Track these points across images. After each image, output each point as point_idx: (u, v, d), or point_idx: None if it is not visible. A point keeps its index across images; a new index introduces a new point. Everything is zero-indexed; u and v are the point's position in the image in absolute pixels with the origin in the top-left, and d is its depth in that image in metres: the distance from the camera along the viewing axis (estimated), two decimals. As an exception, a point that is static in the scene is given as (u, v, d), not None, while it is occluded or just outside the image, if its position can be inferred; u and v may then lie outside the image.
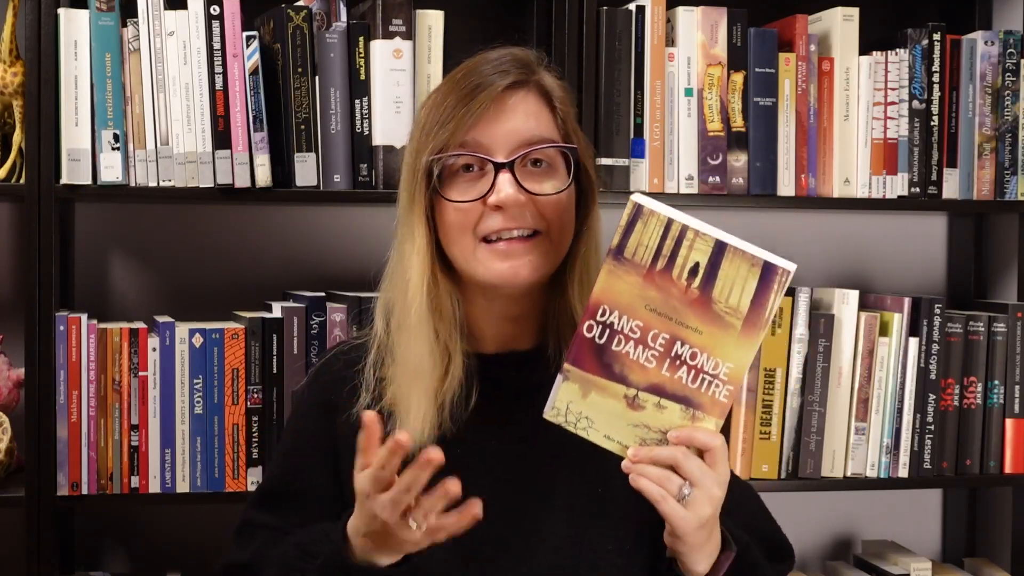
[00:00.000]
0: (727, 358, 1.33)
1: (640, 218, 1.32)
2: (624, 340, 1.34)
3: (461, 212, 1.46)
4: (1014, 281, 2.46)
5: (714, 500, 1.34)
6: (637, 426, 1.35)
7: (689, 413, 1.34)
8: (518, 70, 1.48)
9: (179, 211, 2.27)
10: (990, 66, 2.24)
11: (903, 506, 2.55)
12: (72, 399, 1.94)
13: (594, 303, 1.34)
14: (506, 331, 1.54)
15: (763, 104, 2.14)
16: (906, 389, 2.19)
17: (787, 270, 1.32)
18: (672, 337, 1.33)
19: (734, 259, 1.31)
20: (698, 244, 1.31)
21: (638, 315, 1.33)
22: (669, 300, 1.32)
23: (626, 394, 1.35)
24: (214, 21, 1.94)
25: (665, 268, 1.32)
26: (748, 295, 1.32)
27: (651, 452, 1.34)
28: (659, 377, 1.34)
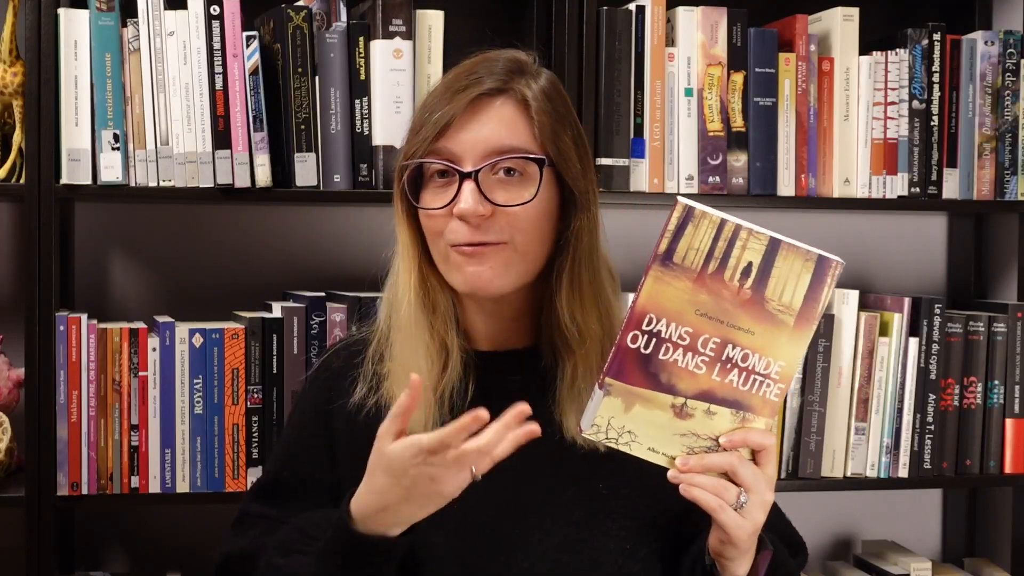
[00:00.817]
0: (779, 356, 1.30)
1: (691, 221, 1.27)
2: (672, 348, 1.29)
3: (432, 218, 1.47)
4: (1014, 281, 2.46)
5: (767, 505, 1.33)
6: (684, 435, 1.31)
7: (739, 416, 1.31)
8: (499, 77, 1.46)
9: (179, 211, 2.27)
10: (990, 66, 2.24)
11: (903, 506, 2.55)
12: (72, 399, 1.94)
13: (639, 312, 1.28)
14: (499, 330, 1.54)
15: (763, 104, 2.14)
16: (906, 389, 2.19)
17: (840, 263, 1.30)
18: (723, 341, 1.29)
19: (788, 256, 1.29)
20: (752, 244, 1.28)
21: (687, 321, 1.28)
22: (721, 303, 1.28)
23: (673, 403, 1.30)
24: (214, 21, 1.94)
25: (717, 270, 1.28)
26: (801, 291, 1.29)
27: (704, 460, 1.31)
28: (709, 383, 1.30)
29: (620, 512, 1.49)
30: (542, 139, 1.46)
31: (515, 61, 1.49)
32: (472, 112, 1.45)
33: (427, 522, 1.37)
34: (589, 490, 1.49)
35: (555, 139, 1.47)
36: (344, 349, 1.60)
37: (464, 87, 1.45)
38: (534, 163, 1.45)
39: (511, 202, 1.44)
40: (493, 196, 1.43)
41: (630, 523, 1.48)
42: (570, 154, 1.48)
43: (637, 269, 1.31)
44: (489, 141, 1.44)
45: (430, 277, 1.50)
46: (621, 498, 1.49)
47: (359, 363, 1.54)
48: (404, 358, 1.49)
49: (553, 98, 1.49)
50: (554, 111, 1.48)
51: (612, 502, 1.49)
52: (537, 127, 1.46)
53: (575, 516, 1.47)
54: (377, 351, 1.54)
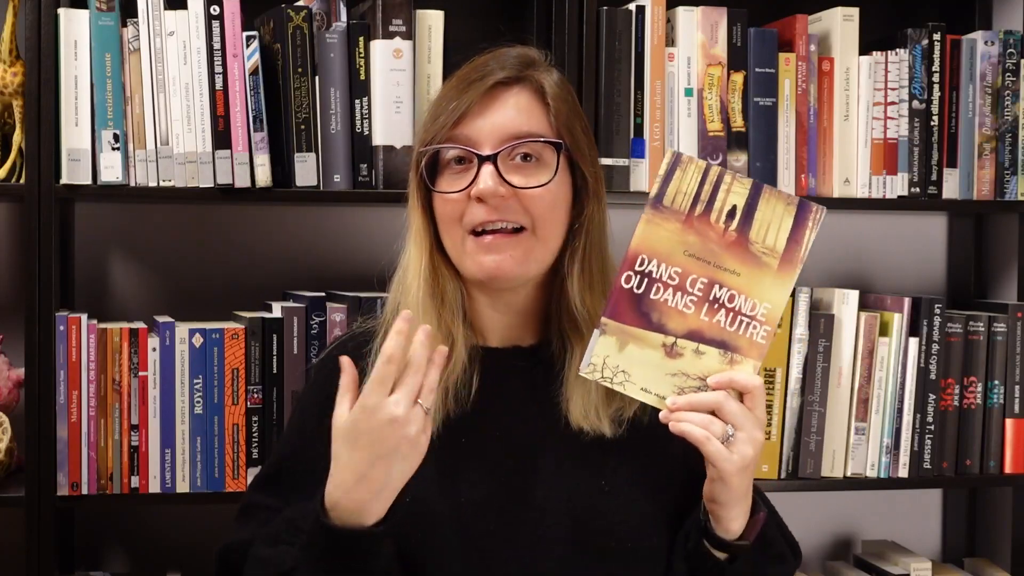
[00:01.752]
0: (764, 298, 1.36)
1: (679, 166, 1.36)
2: (663, 288, 1.36)
3: (449, 203, 1.49)
4: (1014, 281, 2.46)
5: (756, 442, 1.37)
6: (675, 375, 1.37)
7: (727, 357, 1.37)
8: (515, 67, 1.51)
9: (179, 211, 2.27)
10: (990, 66, 2.24)
11: (903, 506, 2.55)
12: (72, 399, 1.94)
13: (632, 253, 1.36)
14: (508, 326, 1.55)
15: (763, 104, 2.14)
16: (906, 389, 2.19)
17: (822, 208, 1.36)
18: (711, 281, 1.36)
19: (770, 199, 1.35)
20: (735, 187, 1.35)
21: (677, 261, 1.36)
22: (707, 244, 1.36)
23: (664, 342, 1.37)
24: (214, 21, 1.94)
25: (703, 212, 1.36)
26: (784, 234, 1.35)
27: (691, 399, 1.37)
28: (698, 322, 1.36)
29: (622, 508, 1.49)
30: (558, 125, 1.51)
31: (527, 55, 1.54)
32: (489, 99, 1.49)
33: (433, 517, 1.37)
34: (592, 486, 1.49)
35: (570, 126, 1.52)
36: (351, 340, 1.61)
37: (480, 77, 1.50)
38: (551, 148, 1.49)
39: (528, 185, 1.47)
40: (511, 179, 1.47)
41: (632, 517, 1.49)
42: (583, 142, 1.53)
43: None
44: (507, 126, 1.48)
45: (441, 267, 1.52)
46: (623, 494, 1.49)
47: (366, 354, 1.55)
48: None
49: (566, 90, 1.55)
50: (569, 100, 1.54)
51: (614, 498, 1.49)
52: (553, 114, 1.50)
53: (578, 512, 1.48)
54: None
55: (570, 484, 1.49)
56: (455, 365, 1.50)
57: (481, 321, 1.56)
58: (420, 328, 1.32)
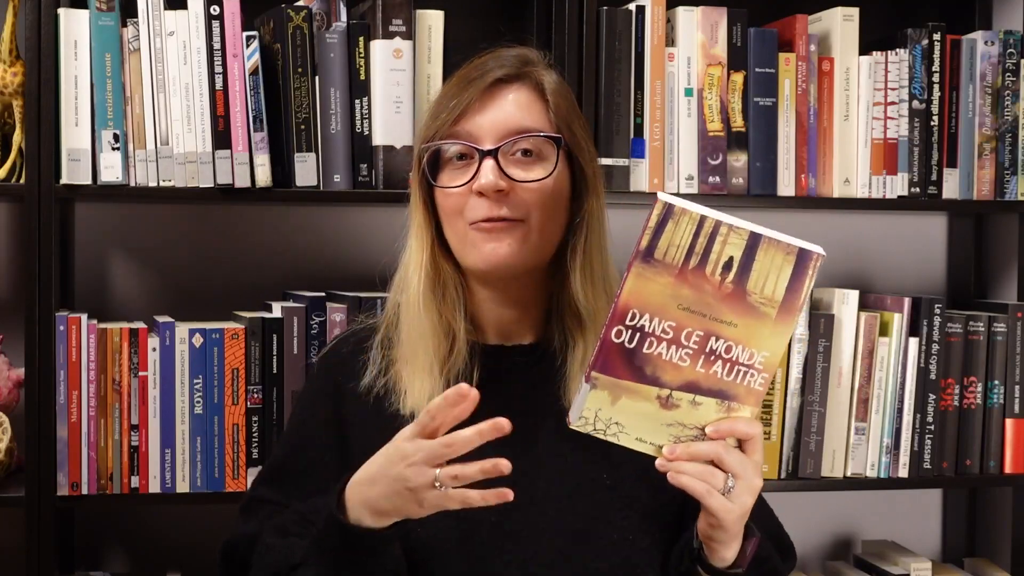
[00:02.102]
0: (762, 347, 1.32)
1: (671, 218, 1.30)
2: (656, 342, 1.31)
3: (451, 198, 1.51)
4: (1014, 281, 2.46)
5: (754, 489, 1.36)
6: (671, 425, 1.34)
7: (724, 405, 1.34)
8: (514, 65, 1.53)
9: (179, 211, 2.27)
10: (990, 66, 2.23)
11: (903, 506, 2.55)
12: (72, 399, 1.94)
13: (622, 308, 1.31)
14: (508, 322, 1.57)
15: (763, 104, 2.14)
16: (906, 389, 2.19)
17: (821, 255, 1.31)
18: (707, 333, 1.31)
19: (769, 250, 1.31)
20: (732, 239, 1.30)
21: (670, 315, 1.31)
22: (703, 297, 1.31)
23: (659, 395, 1.33)
24: (214, 21, 1.94)
25: (698, 266, 1.30)
26: (783, 283, 1.31)
27: (689, 449, 1.34)
28: (693, 374, 1.32)
29: (623, 503, 1.50)
30: (557, 121, 1.52)
31: (526, 54, 1.56)
32: (489, 96, 1.51)
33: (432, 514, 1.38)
34: (593, 481, 1.50)
35: (569, 122, 1.53)
36: (353, 336, 1.63)
37: (480, 75, 1.51)
38: (550, 143, 1.51)
39: (529, 178, 1.48)
40: (511, 173, 1.48)
41: (633, 514, 1.49)
42: (582, 138, 1.54)
43: (637, 269, 1.32)
44: (508, 122, 1.50)
45: (442, 261, 1.54)
46: (624, 489, 1.50)
47: (368, 347, 1.57)
48: (411, 339, 1.52)
49: (565, 88, 1.56)
50: (568, 97, 1.55)
51: (616, 493, 1.50)
52: (553, 110, 1.52)
53: (579, 507, 1.48)
54: (386, 336, 1.57)
55: (572, 479, 1.50)
56: (456, 359, 1.52)
57: (482, 317, 1.57)
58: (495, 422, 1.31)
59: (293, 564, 1.43)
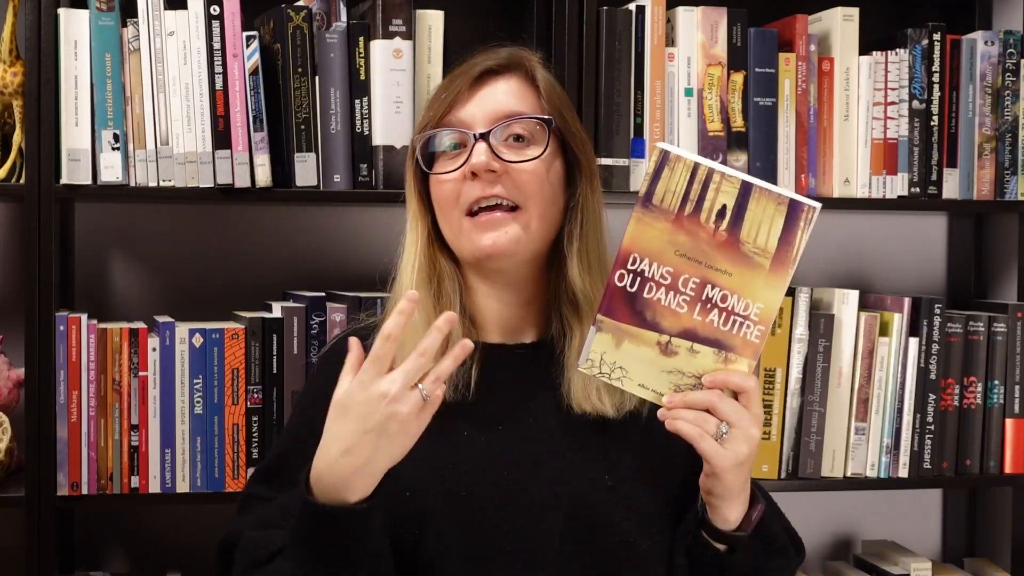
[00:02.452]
0: (757, 298, 1.35)
1: (667, 164, 1.34)
2: (655, 287, 1.35)
3: (445, 185, 1.51)
4: (1014, 281, 2.46)
5: (751, 439, 1.38)
6: (671, 372, 1.37)
7: (722, 356, 1.37)
8: (506, 58, 1.54)
9: (179, 211, 2.27)
10: (990, 66, 2.24)
11: (903, 506, 2.55)
12: (72, 399, 1.94)
13: (624, 252, 1.35)
14: (509, 320, 1.56)
15: (763, 104, 2.14)
16: (906, 389, 2.19)
17: (813, 207, 1.34)
18: (703, 280, 1.35)
19: (760, 199, 1.33)
20: (725, 186, 1.33)
21: (668, 261, 1.35)
22: (698, 244, 1.34)
23: (659, 341, 1.37)
24: (214, 21, 1.94)
25: (693, 212, 1.34)
26: (776, 234, 1.33)
27: (686, 397, 1.37)
28: (691, 321, 1.36)
29: (623, 504, 1.49)
30: (549, 107, 1.53)
31: (518, 52, 1.57)
32: (480, 85, 1.52)
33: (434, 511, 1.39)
34: (593, 482, 1.49)
35: (560, 109, 1.54)
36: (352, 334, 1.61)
37: (470, 67, 1.53)
38: (542, 128, 1.52)
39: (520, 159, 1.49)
40: (503, 155, 1.49)
41: (633, 515, 1.49)
42: (574, 125, 1.55)
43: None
44: (499, 107, 1.51)
45: (438, 257, 1.54)
46: (624, 490, 1.50)
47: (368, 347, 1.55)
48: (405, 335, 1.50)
49: (556, 82, 1.57)
50: (558, 87, 1.56)
51: (615, 494, 1.49)
52: (544, 97, 1.53)
53: (580, 507, 1.48)
54: None
55: (572, 479, 1.49)
56: None
57: (483, 315, 1.56)
58: (444, 314, 1.33)
59: (272, 553, 1.40)
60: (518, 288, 1.55)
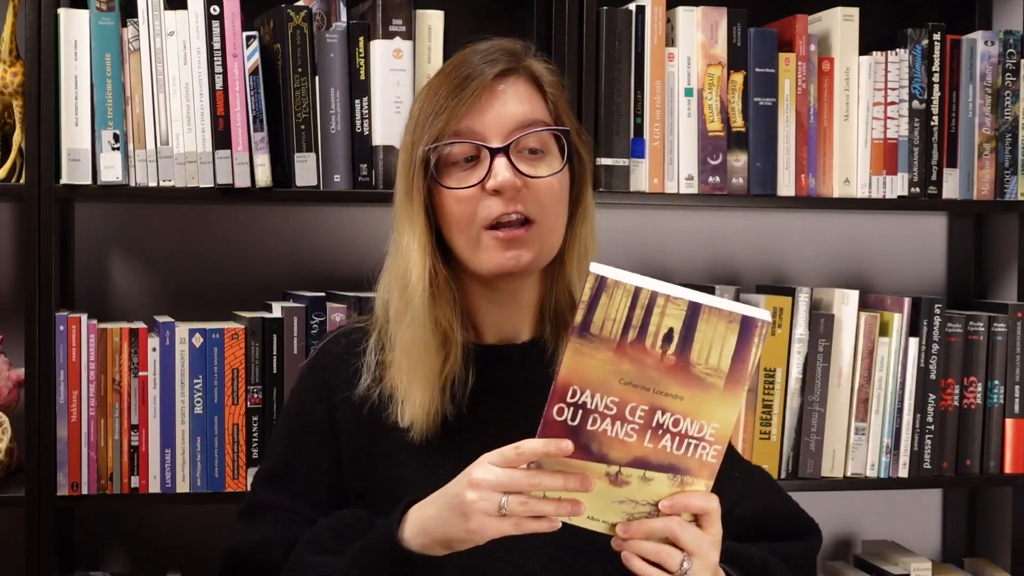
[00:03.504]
0: (712, 419, 1.27)
1: (604, 291, 1.23)
2: (600, 418, 1.26)
3: (462, 201, 1.48)
4: (1014, 281, 2.46)
5: (712, 566, 1.32)
6: (623, 502, 1.30)
7: (677, 480, 1.29)
8: (506, 59, 1.51)
9: (179, 211, 2.27)
10: (990, 66, 2.24)
11: (903, 506, 2.55)
12: (72, 399, 1.94)
13: (562, 385, 1.25)
14: (504, 322, 1.56)
15: (763, 104, 2.14)
16: (906, 389, 2.19)
17: (766, 321, 1.25)
18: (652, 407, 1.26)
19: (710, 319, 1.24)
20: (670, 310, 1.24)
21: (613, 391, 1.25)
22: (645, 371, 1.25)
23: (607, 472, 1.28)
24: (214, 21, 1.94)
25: (637, 339, 1.24)
26: (728, 353, 1.25)
27: (643, 527, 1.30)
28: (642, 450, 1.27)
29: None
30: (557, 113, 1.52)
31: (513, 44, 1.54)
32: (489, 92, 1.49)
33: None
34: None
35: (567, 112, 1.53)
36: (344, 336, 1.60)
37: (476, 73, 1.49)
38: (559, 136, 1.50)
39: (539, 175, 1.47)
40: (523, 170, 1.47)
41: None
42: (578, 128, 1.55)
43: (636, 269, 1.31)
44: (514, 117, 1.48)
45: (441, 269, 1.52)
46: None
47: (360, 352, 1.55)
48: (410, 349, 1.50)
49: (556, 74, 1.56)
50: (560, 85, 1.55)
51: None
52: (552, 101, 1.52)
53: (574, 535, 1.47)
54: (380, 341, 1.55)
55: None
56: (452, 365, 1.50)
57: (478, 317, 1.55)
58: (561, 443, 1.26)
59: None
60: (518, 293, 1.54)
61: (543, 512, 1.28)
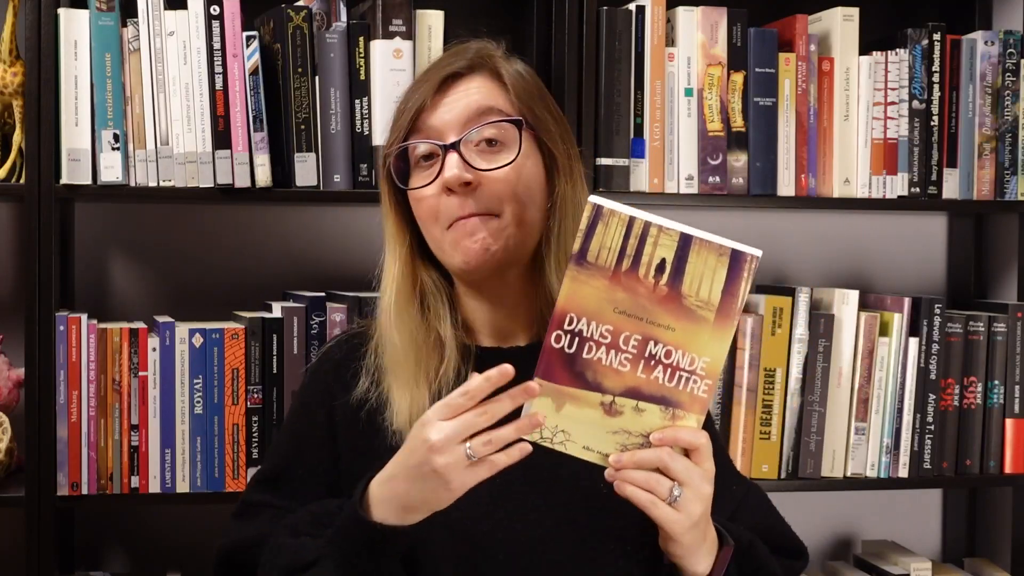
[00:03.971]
0: (703, 352, 1.30)
1: (600, 219, 1.28)
2: (595, 346, 1.30)
3: (422, 200, 1.48)
4: (1014, 281, 2.46)
5: (704, 498, 1.33)
6: (616, 432, 1.32)
7: (669, 413, 1.32)
8: (471, 58, 1.51)
9: (179, 211, 2.27)
10: (990, 66, 2.24)
11: (903, 506, 2.55)
12: (72, 399, 1.94)
13: (560, 312, 1.29)
14: (500, 323, 1.55)
15: (763, 104, 2.14)
16: (906, 389, 2.19)
17: (755, 256, 1.29)
18: (645, 337, 1.29)
19: (701, 251, 1.29)
20: (663, 240, 1.28)
21: (607, 319, 1.29)
22: (638, 300, 1.29)
23: (602, 401, 1.31)
24: (214, 21, 1.94)
25: (631, 268, 1.28)
26: (719, 286, 1.29)
27: (634, 457, 1.32)
28: (635, 380, 1.30)
29: (620, 512, 1.48)
30: (519, 104, 1.49)
31: (485, 47, 1.54)
32: (445, 90, 1.49)
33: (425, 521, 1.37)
34: (590, 489, 1.48)
35: (531, 104, 1.50)
36: (346, 342, 1.61)
37: (435, 71, 1.50)
38: (512, 126, 1.48)
39: (493, 167, 1.46)
40: (476, 164, 1.46)
41: (629, 524, 1.48)
42: (547, 120, 1.51)
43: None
44: (467, 109, 1.48)
45: (421, 269, 1.52)
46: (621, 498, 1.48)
47: (361, 356, 1.55)
48: (392, 352, 1.51)
49: (527, 76, 1.53)
50: (528, 82, 1.52)
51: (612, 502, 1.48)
52: (513, 93, 1.49)
53: (575, 516, 1.47)
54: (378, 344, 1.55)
55: (568, 488, 1.48)
56: (447, 367, 1.50)
57: (475, 319, 1.55)
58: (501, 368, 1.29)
59: (306, 563, 1.41)
60: (504, 293, 1.53)
61: (507, 438, 1.29)
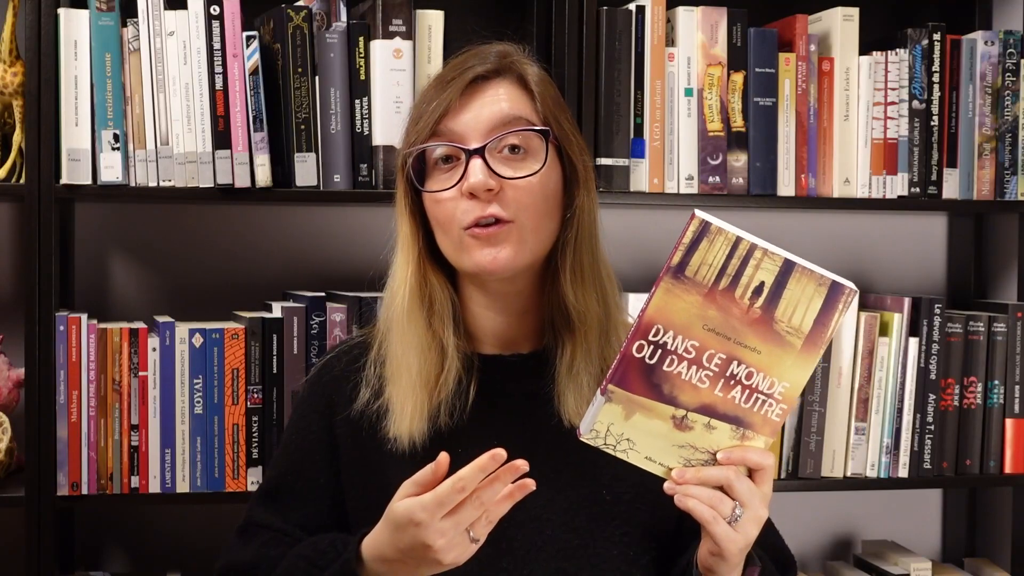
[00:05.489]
0: (783, 377, 1.30)
1: (706, 236, 1.27)
2: (677, 360, 1.29)
3: (440, 203, 1.47)
4: (1014, 281, 2.46)
5: (760, 521, 1.33)
6: (683, 447, 1.32)
7: (739, 432, 1.31)
8: (494, 60, 1.49)
9: (179, 211, 2.27)
10: (990, 66, 2.24)
11: (903, 506, 2.55)
12: (72, 399, 1.94)
13: (647, 322, 1.28)
14: (505, 330, 1.54)
15: (763, 104, 2.14)
16: (906, 389, 2.19)
17: (853, 290, 1.29)
18: (729, 357, 1.29)
19: (801, 279, 1.28)
20: (765, 263, 1.27)
21: (695, 335, 1.28)
22: (729, 320, 1.28)
23: (674, 415, 1.30)
24: (214, 21, 1.94)
25: (728, 287, 1.28)
26: (812, 314, 1.28)
27: (700, 474, 1.31)
28: (711, 397, 1.30)
29: (623, 518, 1.48)
30: (544, 112, 1.48)
31: (506, 49, 1.52)
32: (471, 94, 1.47)
33: None
34: (592, 496, 1.48)
35: (556, 114, 1.49)
36: (346, 353, 1.59)
37: (460, 74, 1.47)
38: (538, 137, 1.47)
39: (518, 175, 1.45)
40: (500, 171, 1.44)
41: (633, 529, 1.47)
42: (569, 131, 1.50)
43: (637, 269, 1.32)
44: (493, 116, 1.46)
45: (430, 273, 1.50)
46: (624, 504, 1.48)
47: (360, 367, 1.54)
48: (398, 357, 1.49)
49: (548, 81, 1.52)
50: (552, 89, 1.51)
51: (615, 508, 1.48)
52: (539, 101, 1.48)
53: (578, 522, 1.47)
54: (380, 355, 1.54)
55: (570, 494, 1.47)
56: (447, 376, 1.48)
57: (477, 326, 1.54)
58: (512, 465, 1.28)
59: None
60: (513, 300, 1.52)
61: (502, 512, 1.30)
